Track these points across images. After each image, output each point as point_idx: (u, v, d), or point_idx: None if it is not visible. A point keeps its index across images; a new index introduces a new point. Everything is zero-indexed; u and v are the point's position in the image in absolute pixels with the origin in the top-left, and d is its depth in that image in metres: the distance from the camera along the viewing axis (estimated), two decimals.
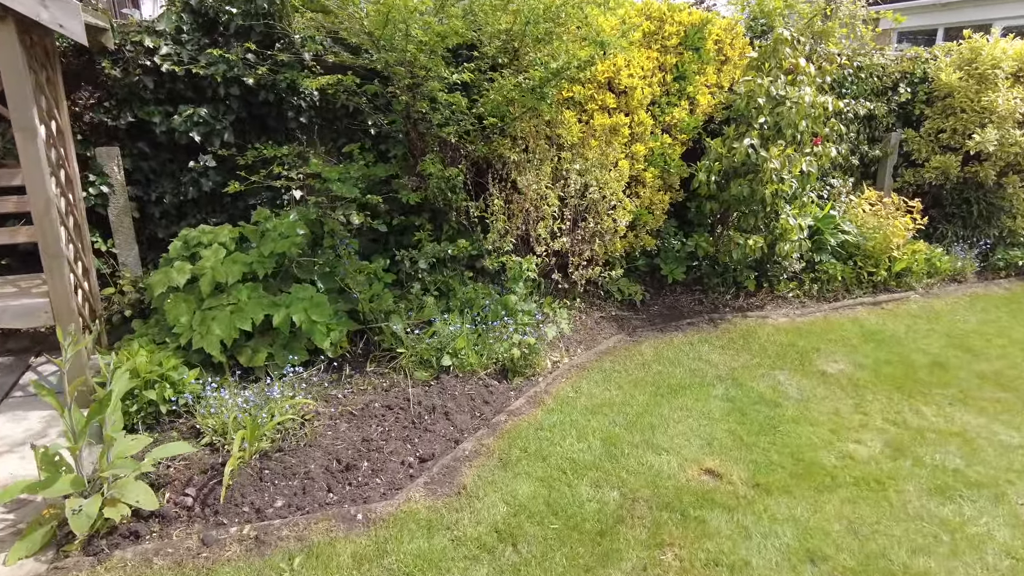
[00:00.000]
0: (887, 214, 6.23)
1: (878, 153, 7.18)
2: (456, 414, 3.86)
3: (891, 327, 5.50)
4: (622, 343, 5.03)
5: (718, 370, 4.59)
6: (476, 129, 4.42)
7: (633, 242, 5.54)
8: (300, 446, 3.48)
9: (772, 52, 5.36)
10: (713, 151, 5.30)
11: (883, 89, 7.09)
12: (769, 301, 5.95)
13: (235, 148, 4.75)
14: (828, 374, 4.58)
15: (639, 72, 5.05)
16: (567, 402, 4.07)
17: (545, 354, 4.62)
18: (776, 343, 5.08)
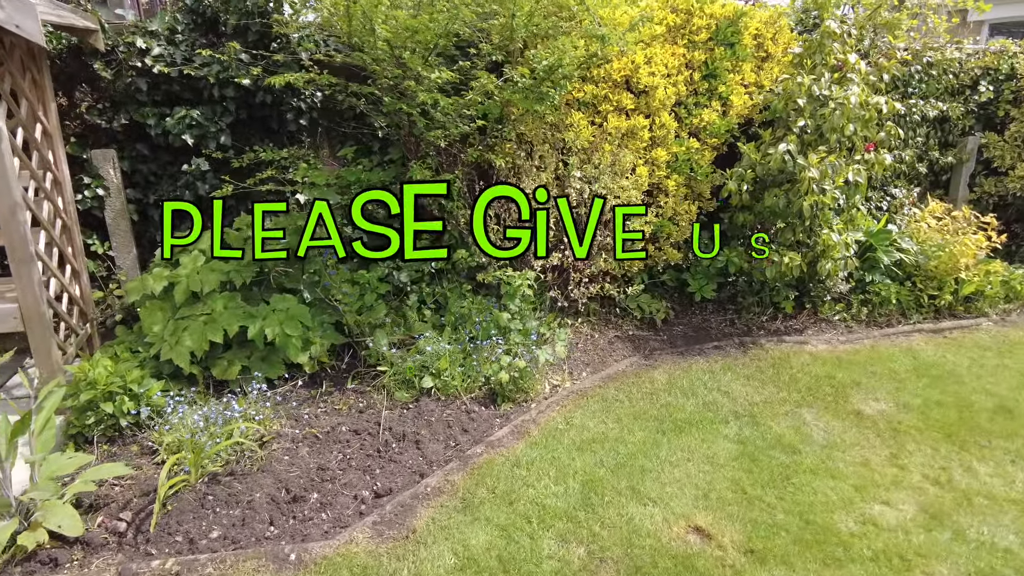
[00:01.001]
0: (955, 229, 5.48)
1: (951, 160, 6.38)
2: (428, 443, 3.56)
3: (951, 360, 4.80)
4: (634, 367, 4.59)
5: (736, 404, 4.08)
6: (473, 132, 4.10)
7: (655, 255, 5.07)
8: (253, 470, 3.26)
9: (818, 47, 4.77)
10: (747, 157, 4.76)
11: (959, 88, 6.29)
12: (811, 324, 5.34)
13: (233, 151, 4.61)
14: (864, 415, 3.99)
15: (661, 70, 4.59)
16: (555, 435, 3.68)
17: (543, 377, 4.25)
18: (810, 374, 4.50)
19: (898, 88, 5.93)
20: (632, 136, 4.58)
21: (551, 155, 4.35)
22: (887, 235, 5.47)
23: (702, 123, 4.79)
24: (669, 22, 4.64)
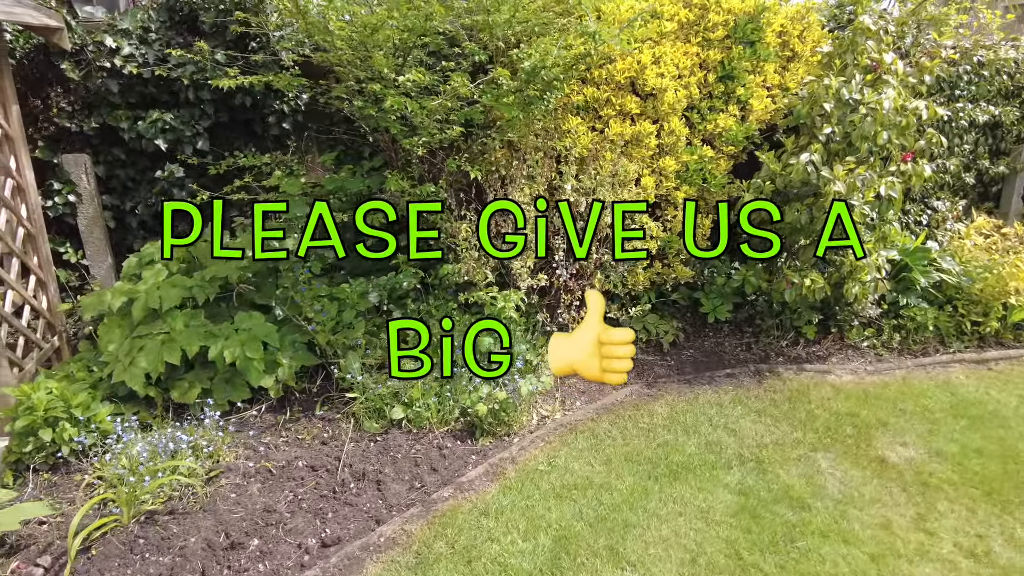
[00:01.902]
0: (1005, 248, 4.92)
1: (1003, 170, 5.77)
2: (391, 483, 3.23)
3: (995, 398, 4.26)
4: (634, 397, 4.19)
5: (743, 445, 3.65)
6: (458, 140, 3.75)
7: (664, 272, 4.64)
8: (195, 509, 2.98)
9: (849, 45, 4.28)
10: (766, 168, 4.30)
11: (1015, 90, 5.68)
12: (836, 351, 4.84)
13: (212, 156, 4.37)
14: (889, 463, 3.51)
15: (672, 71, 4.16)
16: (533, 478, 3.32)
17: (530, 408, 3.89)
18: (830, 411, 4.03)
19: (943, 90, 5.37)
20: (637, 143, 4.17)
21: (545, 164, 3.97)
22: (925, 254, 4.93)
23: (717, 129, 4.35)
24: (681, 18, 4.21)
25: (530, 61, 3.13)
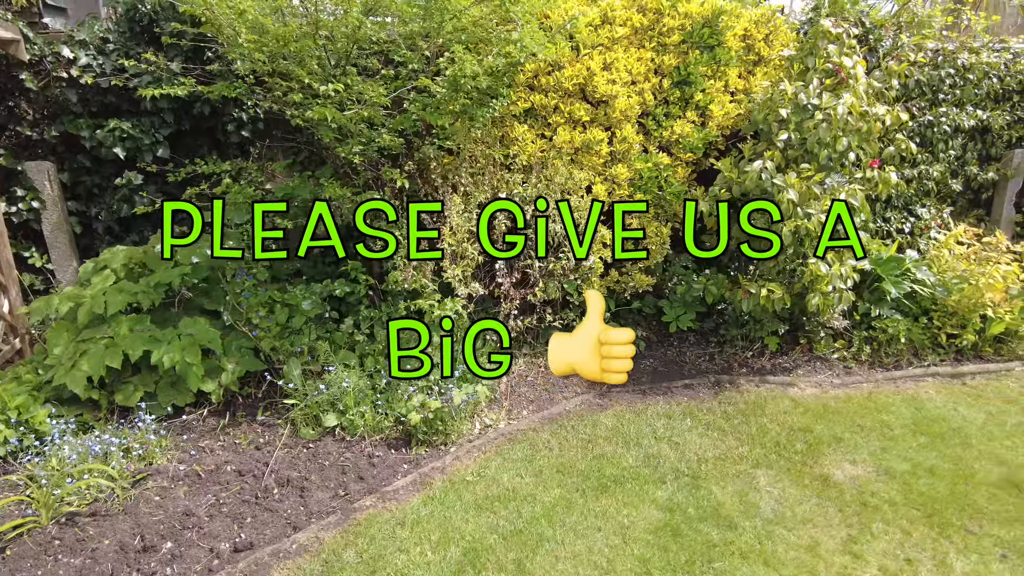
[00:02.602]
0: (983, 258, 4.73)
1: (992, 176, 5.55)
2: (315, 491, 3.24)
3: (962, 414, 4.09)
4: (582, 407, 4.13)
5: (683, 460, 3.57)
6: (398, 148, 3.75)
7: (623, 280, 4.58)
8: (116, 512, 3.03)
9: (810, 49, 4.18)
10: (722, 175, 4.22)
11: (1004, 94, 5.46)
12: (804, 363, 4.71)
13: (173, 163, 4.45)
14: (832, 481, 3.40)
15: (623, 77, 4.10)
16: (459, 488, 3.29)
17: (473, 416, 3.87)
18: (784, 425, 3.92)
19: (925, 95, 5.19)
20: (588, 151, 4.12)
21: (488, 172, 3.95)
22: (898, 263, 4.77)
23: (674, 136, 4.27)
24: (635, 23, 4.14)
25: (450, 70, 3.12)
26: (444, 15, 3.06)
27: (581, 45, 4.01)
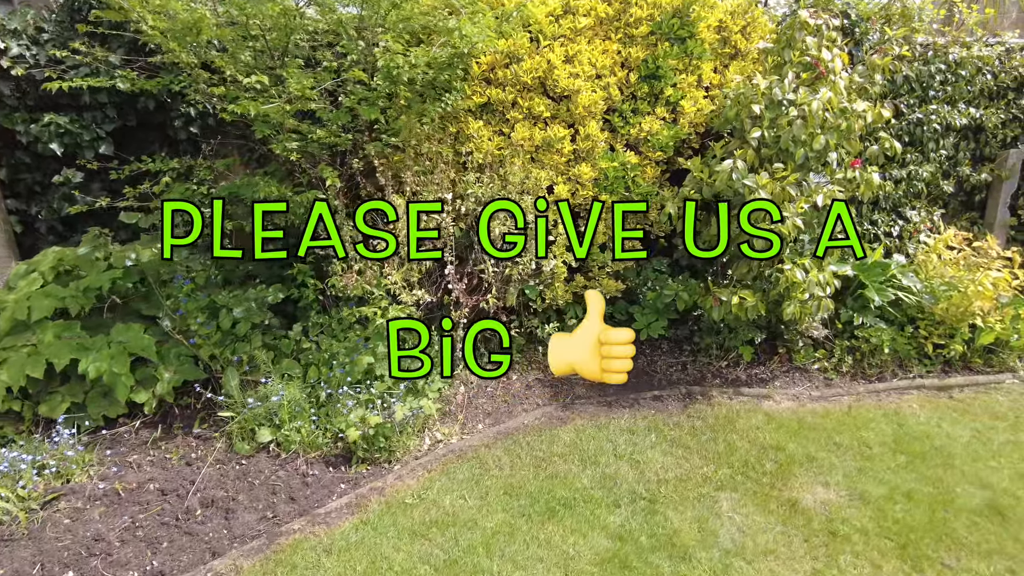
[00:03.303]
0: (974, 264, 4.47)
1: (985, 177, 5.28)
2: (242, 512, 3.02)
3: (946, 432, 3.84)
4: (542, 420, 3.90)
5: (641, 481, 3.33)
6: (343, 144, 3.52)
7: (590, 286, 4.34)
8: (19, 537, 2.82)
9: (787, 42, 3.92)
10: (692, 175, 3.97)
11: (999, 91, 5.19)
12: (782, 373, 4.47)
13: (118, 161, 4.23)
14: (801, 507, 3.15)
15: (587, 71, 3.86)
16: (395, 512, 3.06)
17: (422, 431, 3.64)
18: (754, 443, 3.68)
19: (914, 91, 4.92)
20: (549, 149, 3.88)
21: (440, 170, 3.71)
22: (883, 269, 4.52)
23: (641, 134, 4.03)
24: (600, 13, 3.89)
25: (382, 61, 2.88)
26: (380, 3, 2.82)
27: (541, 36, 3.77)
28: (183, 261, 3.82)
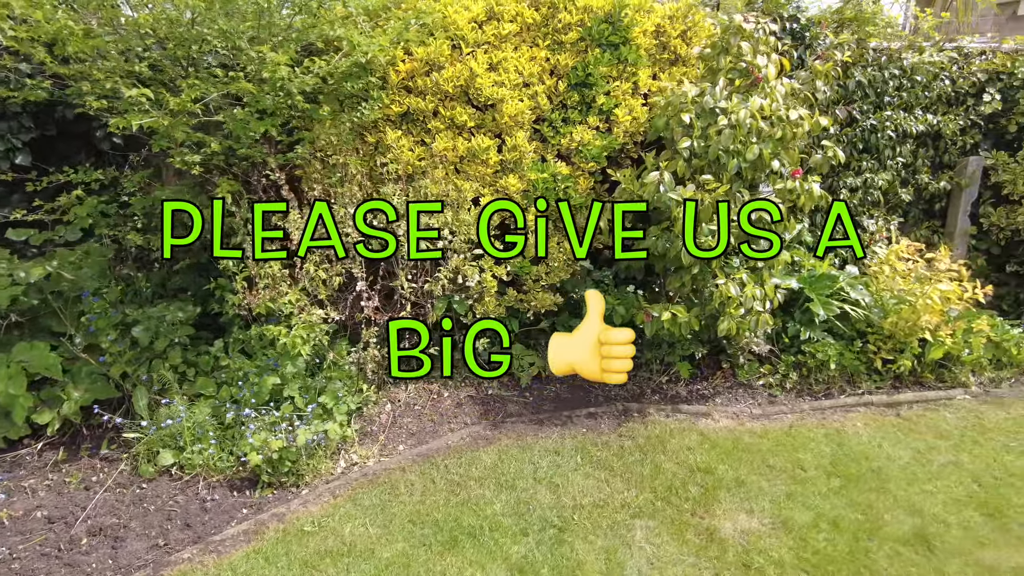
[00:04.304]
0: (921, 277, 4.32)
1: (944, 185, 5.13)
2: (132, 540, 2.90)
3: (887, 452, 3.70)
4: (467, 441, 3.77)
5: (556, 506, 3.20)
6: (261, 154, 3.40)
7: (525, 300, 4.21)
8: None
9: (723, 48, 3.78)
10: (621, 188, 3.84)
11: (957, 97, 5.03)
12: (725, 389, 4.33)
13: (37, 172, 4.12)
14: (719, 536, 3.02)
15: (513, 78, 3.73)
16: (291, 541, 2.94)
17: (337, 454, 3.52)
18: (684, 465, 3.55)
19: (868, 97, 4.77)
20: (474, 160, 3.75)
21: (356, 182, 3.58)
22: (831, 282, 4.37)
23: (573, 143, 3.89)
24: (526, 19, 3.76)
25: (266, 72, 2.76)
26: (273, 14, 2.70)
27: (463, 43, 3.63)
28: (84, 277, 3.69)
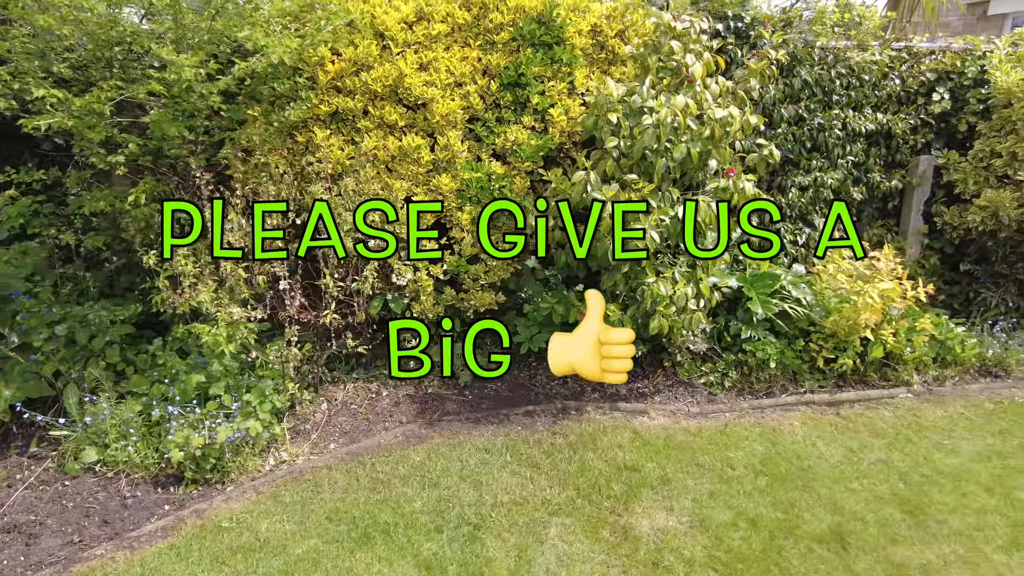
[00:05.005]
0: (862, 276, 4.31)
1: (896, 184, 5.12)
2: (47, 537, 2.93)
3: (820, 451, 3.70)
4: (400, 439, 3.79)
5: (477, 504, 3.21)
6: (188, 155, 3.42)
7: (465, 298, 4.22)
8: None
9: (654, 46, 3.79)
10: (553, 187, 3.85)
11: (908, 95, 5.02)
12: (666, 387, 4.34)
13: None
14: (634, 535, 3.02)
15: (444, 78, 3.74)
16: (206, 537, 2.96)
17: (267, 451, 3.54)
18: (612, 463, 3.55)
19: (815, 96, 4.77)
20: (405, 159, 3.77)
21: (286, 182, 3.60)
22: (773, 280, 4.37)
23: (507, 143, 3.91)
24: (457, 19, 3.77)
25: (170, 74, 2.78)
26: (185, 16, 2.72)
27: (392, 44, 3.65)
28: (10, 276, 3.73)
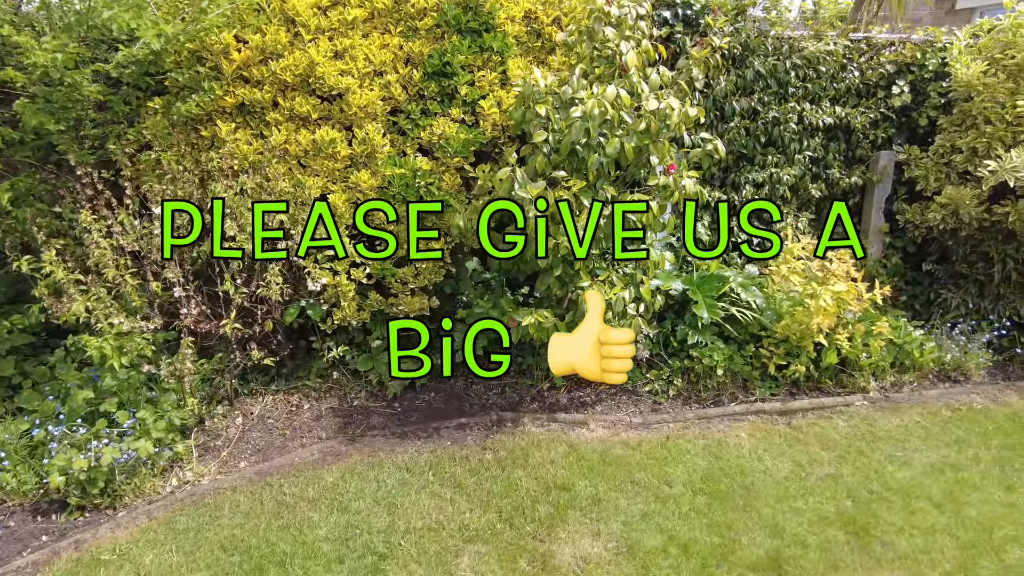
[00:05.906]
0: (814, 278, 4.08)
1: (856, 180, 4.90)
2: None
3: (765, 466, 3.47)
4: (316, 457, 3.51)
5: (387, 531, 2.95)
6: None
7: (393, 302, 3.95)
8: None
9: (588, 34, 3.54)
10: (480, 184, 3.59)
11: (867, 88, 4.80)
12: (608, 396, 4.10)
13: None
14: (554, 564, 2.78)
15: (362, 67, 3.47)
16: (84, 571, 2.68)
17: (169, 471, 3.27)
18: (541, 481, 3.30)
19: (770, 88, 4.53)
20: (319, 154, 3.49)
21: (185, 178, 3.32)
22: (720, 283, 4.14)
23: (434, 137, 3.64)
24: (376, 3, 3.50)
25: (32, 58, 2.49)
26: None
27: (304, 30, 3.38)
28: None
